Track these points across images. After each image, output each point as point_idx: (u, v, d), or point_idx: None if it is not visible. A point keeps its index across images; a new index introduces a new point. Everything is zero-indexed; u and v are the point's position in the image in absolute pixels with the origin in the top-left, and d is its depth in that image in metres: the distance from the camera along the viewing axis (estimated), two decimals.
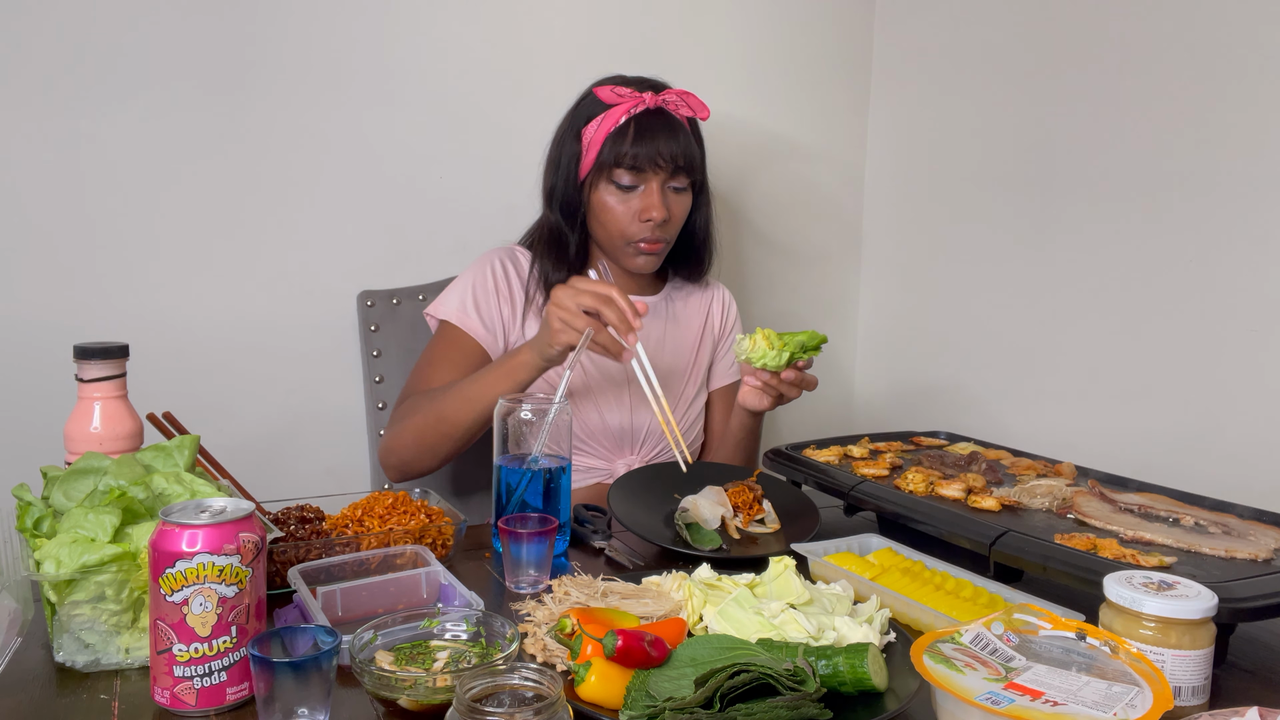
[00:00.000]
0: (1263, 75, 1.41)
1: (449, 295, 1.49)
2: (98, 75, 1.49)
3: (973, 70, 1.90)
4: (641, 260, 1.47)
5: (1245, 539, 0.99)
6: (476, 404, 1.30)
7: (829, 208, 2.18)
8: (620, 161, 1.40)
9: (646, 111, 1.42)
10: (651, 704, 0.73)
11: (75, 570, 0.80)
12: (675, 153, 1.41)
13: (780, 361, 1.29)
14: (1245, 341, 1.45)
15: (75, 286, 1.51)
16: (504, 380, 1.29)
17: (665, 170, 1.41)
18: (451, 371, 1.42)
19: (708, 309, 1.64)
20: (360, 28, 1.65)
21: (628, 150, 1.39)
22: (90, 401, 1.00)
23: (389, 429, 1.42)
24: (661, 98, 1.43)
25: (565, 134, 1.48)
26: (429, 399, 1.36)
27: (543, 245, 1.51)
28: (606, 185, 1.43)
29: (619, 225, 1.44)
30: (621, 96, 1.42)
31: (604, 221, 1.45)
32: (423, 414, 1.35)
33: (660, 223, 1.42)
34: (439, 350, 1.46)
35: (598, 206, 1.45)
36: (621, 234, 1.45)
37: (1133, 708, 0.69)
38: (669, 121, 1.42)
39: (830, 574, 1.03)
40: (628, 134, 1.40)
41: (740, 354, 1.30)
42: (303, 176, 1.64)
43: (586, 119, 1.44)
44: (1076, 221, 1.70)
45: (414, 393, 1.42)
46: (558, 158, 1.48)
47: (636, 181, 1.42)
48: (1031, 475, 1.23)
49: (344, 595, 0.92)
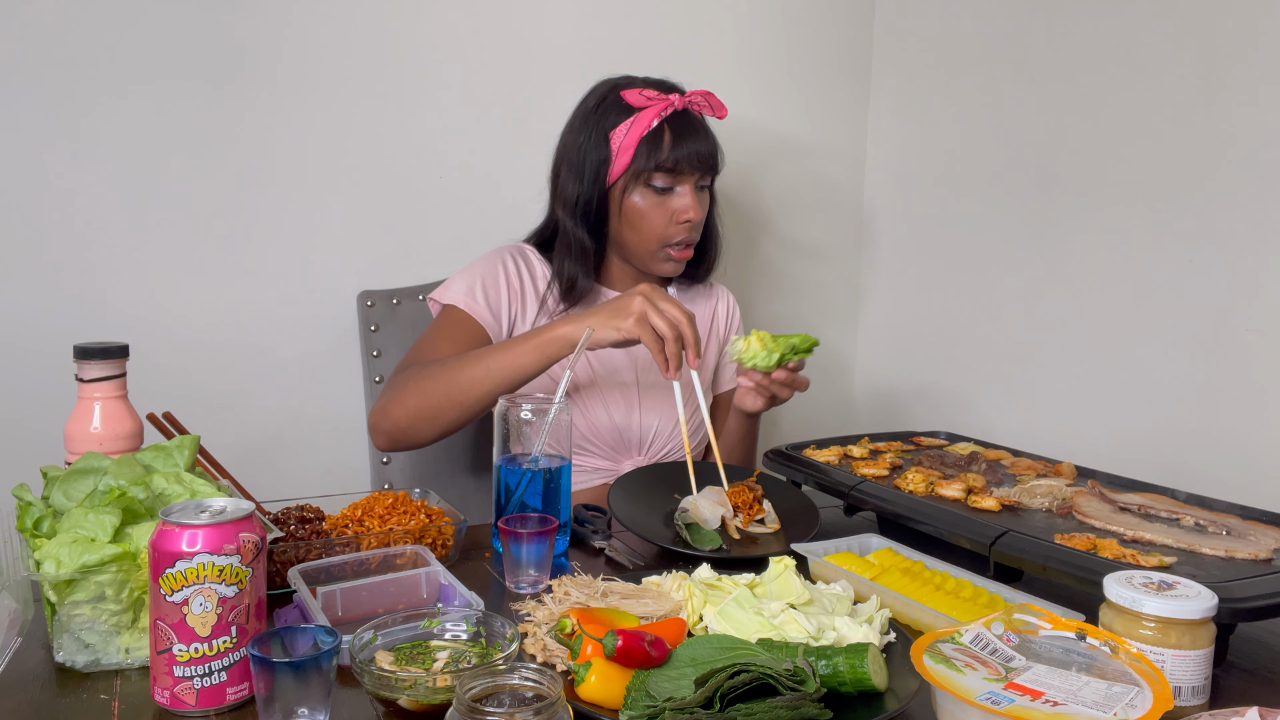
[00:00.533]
0: (1263, 76, 1.41)
1: (455, 282, 1.46)
2: (97, 74, 1.49)
3: (973, 70, 1.90)
4: (671, 266, 1.47)
5: (1245, 539, 0.99)
6: (498, 374, 1.23)
7: (829, 208, 2.18)
8: (660, 165, 1.39)
9: (675, 114, 1.41)
10: (651, 704, 0.73)
11: (75, 570, 0.80)
12: (708, 153, 1.42)
13: (770, 362, 1.30)
14: (1245, 342, 1.45)
15: (75, 286, 1.51)
16: (533, 353, 1.22)
17: (699, 171, 1.42)
18: (455, 348, 1.36)
19: (713, 311, 1.64)
20: (361, 27, 1.65)
21: (667, 154, 1.39)
22: (90, 401, 1.00)
23: (384, 393, 1.33)
24: (688, 99, 1.43)
25: (587, 138, 1.43)
26: (441, 365, 1.28)
27: (564, 249, 1.47)
28: (642, 190, 1.42)
29: (654, 229, 1.43)
30: (650, 100, 1.41)
31: (637, 226, 1.43)
32: (432, 378, 1.27)
33: (698, 223, 1.44)
34: (443, 329, 1.41)
35: (630, 211, 1.43)
36: (657, 237, 1.43)
37: (1133, 708, 0.69)
38: (697, 122, 1.43)
39: (830, 574, 1.03)
40: (663, 137, 1.40)
41: (733, 355, 1.32)
42: (303, 176, 1.64)
43: (615, 123, 1.42)
44: (1077, 221, 1.70)
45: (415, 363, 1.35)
46: (579, 163, 1.43)
47: (671, 183, 1.42)
48: (1031, 475, 1.23)
49: (344, 595, 0.92)
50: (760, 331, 1.32)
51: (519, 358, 1.23)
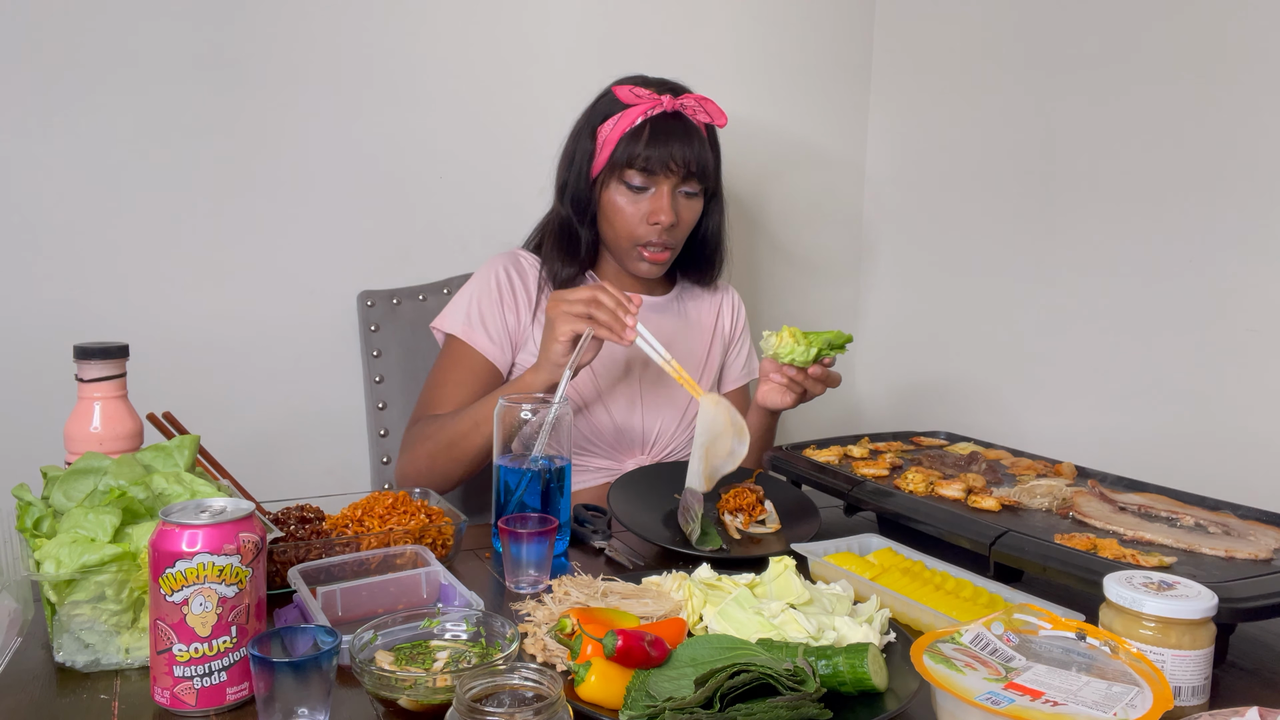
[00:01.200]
0: (1264, 76, 1.41)
1: (454, 308, 1.49)
2: (97, 74, 1.49)
3: (973, 71, 1.90)
4: (645, 267, 1.47)
5: (1245, 539, 0.99)
6: (485, 427, 1.29)
7: (829, 208, 2.18)
8: (632, 162, 1.40)
9: (663, 114, 1.41)
10: (651, 704, 0.73)
11: (75, 570, 0.80)
12: (688, 158, 1.40)
13: (809, 357, 1.30)
14: (1245, 341, 1.45)
15: (75, 286, 1.51)
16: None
17: (676, 174, 1.41)
18: (459, 390, 1.42)
19: (718, 311, 1.64)
20: (361, 27, 1.65)
21: (641, 152, 1.39)
22: (90, 401, 1.00)
23: (402, 454, 1.41)
24: (679, 101, 1.42)
25: (582, 130, 1.47)
26: (439, 425, 1.36)
27: (552, 240, 1.50)
28: (617, 185, 1.43)
29: (627, 226, 1.44)
30: (640, 98, 1.41)
31: (613, 222, 1.45)
32: (434, 440, 1.35)
33: (668, 227, 1.42)
34: (446, 370, 1.46)
35: (608, 206, 1.45)
36: (629, 235, 1.44)
37: (1133, 708, 0.69)
38: (685, 126, 1.42)
39: (830, 574, 1.03)
40: (642, 135, 1.40)
41: (768, 349, 1.31)
42: (303, 176, 1.64)
43: (604, 117, 1.43)
44: (1076, 222, 1.70)
45: (424, 415, 1.43)
46: (572, 153, 1.48)
47: (647, 184, 1.42)
48: (1031, 475, 1.23)
49: (344, 595, 0.92)
50: (791, 327, 1.31)
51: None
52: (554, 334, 1.23)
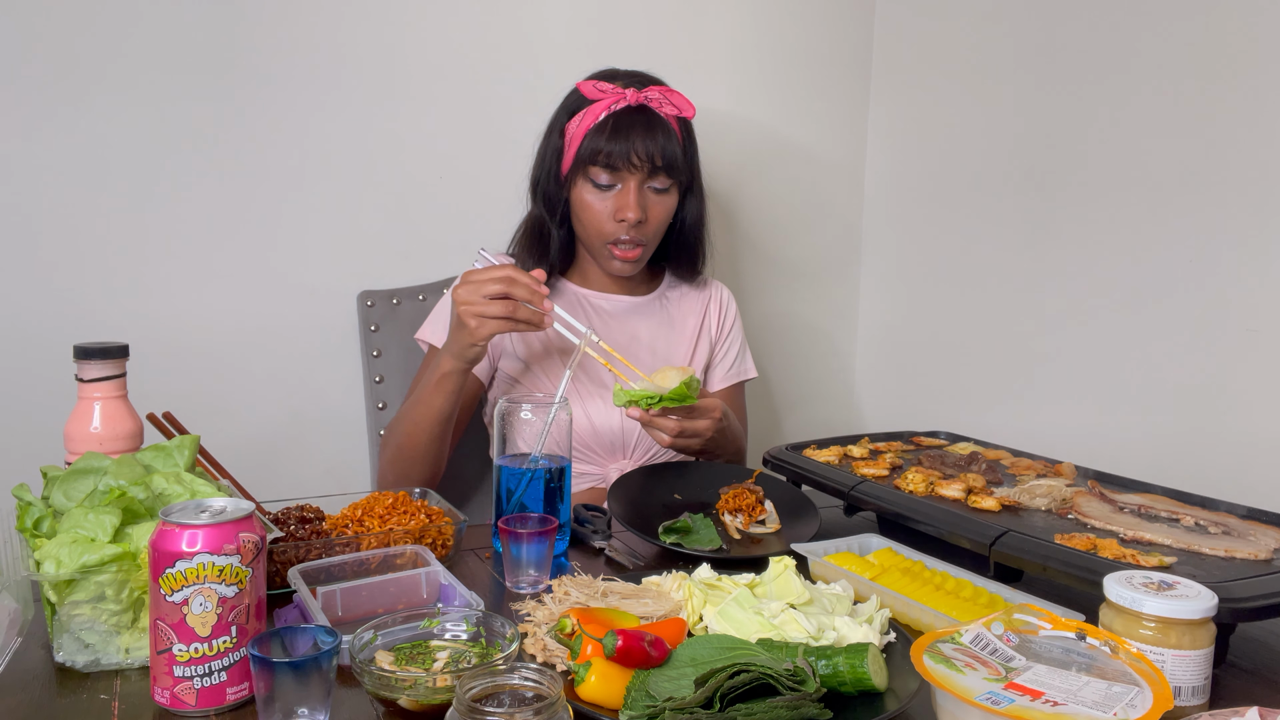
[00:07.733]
0: (1263, 76, 1.41)
1: (433, 318, 1.49)
2: (97, 74, 1.49)
3: (973, 71, 1.90)
4: (617, 264, 1.46)
5: (1245, 539, 0.99)
6: (421, 422, 1.33)
7: (829, 207, 2.18)
8: (596, 159, 1.39)
9: (627, 109, 1.39)
10: (651, 704, 0.73)
11: (75, 570, 0.80)
12: (653, 151, 1.38)
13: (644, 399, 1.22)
14: (1244, 341, 1.45)
15: (75, 286, 1.51)
16: (435, 394, 1.32)
17: (642, 170, 1.39)
18: None
19: (704, 308, 1.62)
20: (361, 27, 1.65)
21: (603, 147, 1.38)
22: (90, 401, 1.00)
23: (379, 458, 1.46)
24: (644, 94, 1.40)
25: (552, 128, 1.47)
26: (390, 430, 1.41)
27: (525, 240, 1.50)
28: (585, 183, 1.42)
29: (596, 224, 1.43)
30: (604, 92, 1.40)
31: (582, 220, 1.44)
32: (392, 445, 1.39)
33: (635, 223, 1.40)
34: (421, 376, 1.47)
35: (577, 204, 1.44)
36: (599, 233, 1.43)
37: (1133, 708, 0.69)
38: (649, 119, 1.39)
39: (830, 574, 1.03)
40: (605, 131, 1.38)
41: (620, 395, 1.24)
42: (303, 176, 1.64)
43: (570, 113, 1.43)
44: (1076, 222, 1.70)
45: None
46: (544, 151, 1.48)
47: (614, 180, 1.40)
48: (1031, 475, 1.23)
49: (344, 595, 0.92)
50: (676, 368, 1.25)
51: (430, 400, 1.32)
52: (471, 336, 1.23)
